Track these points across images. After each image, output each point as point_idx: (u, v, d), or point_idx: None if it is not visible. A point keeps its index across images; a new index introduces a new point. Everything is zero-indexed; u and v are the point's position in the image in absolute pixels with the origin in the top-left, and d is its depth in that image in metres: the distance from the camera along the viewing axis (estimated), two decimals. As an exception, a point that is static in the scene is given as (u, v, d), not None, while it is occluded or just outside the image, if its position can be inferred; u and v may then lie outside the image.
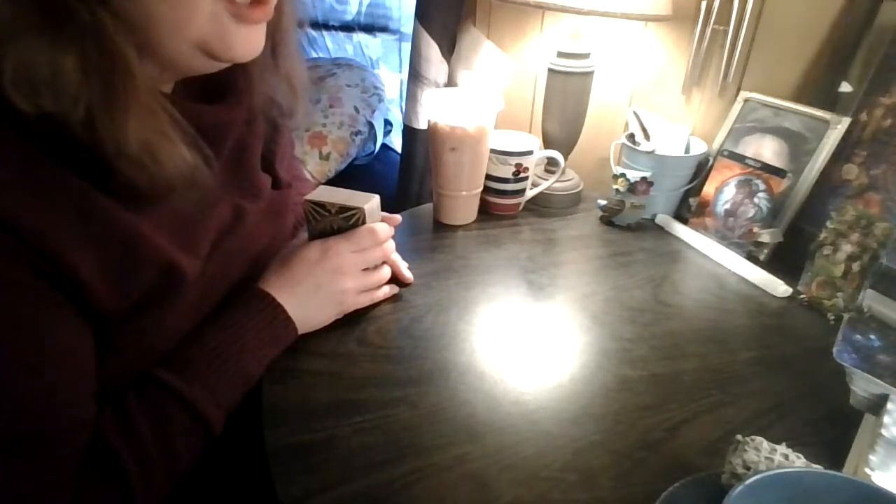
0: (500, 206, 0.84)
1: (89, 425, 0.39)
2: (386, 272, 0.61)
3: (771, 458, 0.37)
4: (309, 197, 0.56)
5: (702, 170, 0.82)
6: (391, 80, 1.62)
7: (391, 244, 0.61)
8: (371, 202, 0.57)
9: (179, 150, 0.39)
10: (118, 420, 0.41)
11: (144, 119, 0.36)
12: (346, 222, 0.56)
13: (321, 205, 0.56)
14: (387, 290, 0.62)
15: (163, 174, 0.38)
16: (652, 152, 0.81)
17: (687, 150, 0.85)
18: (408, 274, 0.65)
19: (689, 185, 0.83)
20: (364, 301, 0.59)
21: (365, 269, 0.57)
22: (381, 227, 0.58)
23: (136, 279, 0.40)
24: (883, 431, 0.41)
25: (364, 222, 0.56)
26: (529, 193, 0.85)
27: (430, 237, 0.78)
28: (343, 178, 1.35)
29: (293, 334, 0.52)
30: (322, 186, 0.59)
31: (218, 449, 0.59)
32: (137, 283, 0.40)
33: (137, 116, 0.36)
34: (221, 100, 0.48)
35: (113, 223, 0.38)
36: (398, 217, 0.64)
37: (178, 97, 0.45)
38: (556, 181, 0.85)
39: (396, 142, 1.59)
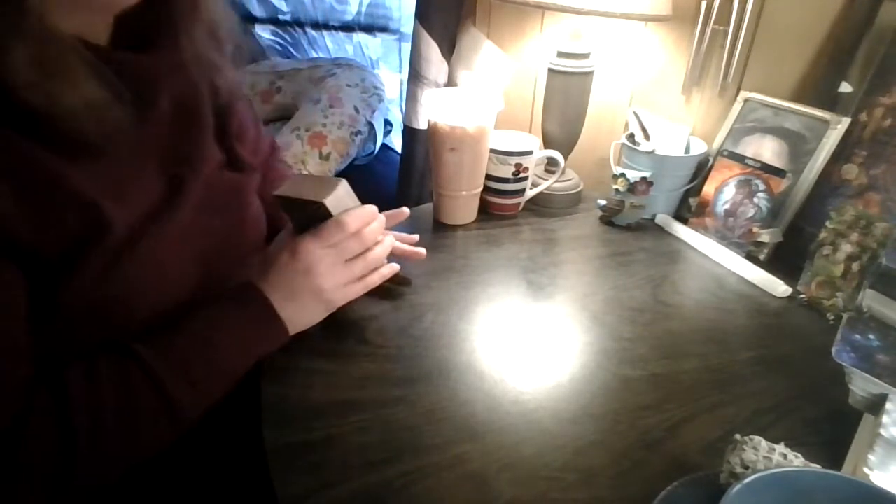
0: (500, 206, 0.84)
1: (25, 358, 0.39)
2: (376, 256, 0.56)
3: (769, 457, 0.37)
4: (277, 191, 0.53)
5: (702, 170, 0.82)
6: (391, 80, 1.62)
7: (376, 225, 0.56)
8: (334, 193, 0.52)
9: (82, 80, 0.39)
10: (86, 383, 0.40)
11: (42, 47, 0.37)
12: (316, 215, 0.52)
13: (287, 199, 0.53)
14: (384, 272, 0.58)
15: (63, 100, 0.38)
16: (652, 152, 0.81)
17: (687, 150, 0.85)
18: (419, 249, 0.65)
19: (689, 185, 0.84)
20: (356, 291, 0.55)
21: (350, 259, 0.54)
22: (355, 216, 0.53)
23: (58, 219, 0.40)
24: (882, 431, 0.41)
25: (330, 214, 0.52)
26: (529, 193, 0.85)
27: (430, 237, 0.78)
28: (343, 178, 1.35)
29: (284, 335, 0.50)
30: (295, 176, 0.55)
31: (218, 449, 0.59)
32: (60, 224, 0.40)
33: (33, 45, 0.36)
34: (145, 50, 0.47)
35: (31, 161, 0.38)
36: (405, 210, 0.63)
37: (108, 48, 0.45)
38: (556, 181, 0.85)
39: (396, 142, 1.59)
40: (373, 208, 0.56)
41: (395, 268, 0.60)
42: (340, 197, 0.54)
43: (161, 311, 0.47)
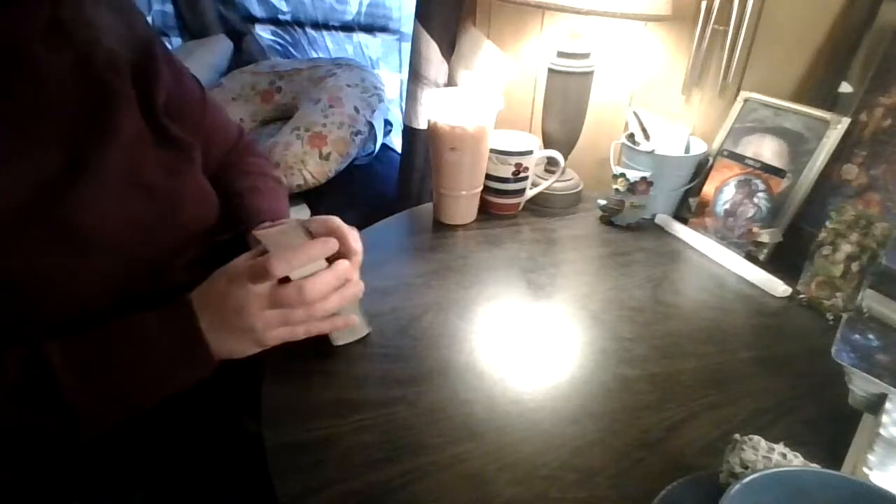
0: (500, 206, 0.84)
1: None
2: (329, 306, 0.49)
3: (769, 457, 0.37)
4: (257, 231, 0.50)
5: (702, 170, 0.82)
6: (391, 80, 1.62)
7: (328, 277, 0.48)
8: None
9: None
10: None
11: None
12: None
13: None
14: (337, 322, 0.52)
15: None
16: (652, 152, 0.81)
17: (687, 150, 0.85)
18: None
19: (689, 185, 0.83)
20: (294, 335, 0.49)
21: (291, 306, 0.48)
22: (283, 263, 0.46)
23: None
24: (881, 431, 0.41)
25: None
26: (529, 193, 0.85)
27: (430, 237, 0.78)
28: (343, 178, 1.35)
29: (209, 361, 0.46)
30: (294, 219, 0.52)
31: (218, 448, 0.59)
32: None
33: None
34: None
35: None
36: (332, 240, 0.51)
37: None
38: (556, 181, 0.85)
39: (396, 142, 1.59)
40: (315, 256, 0.48)
41: (350, 320, 0.53)
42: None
43: (82, 293, 0.45)
